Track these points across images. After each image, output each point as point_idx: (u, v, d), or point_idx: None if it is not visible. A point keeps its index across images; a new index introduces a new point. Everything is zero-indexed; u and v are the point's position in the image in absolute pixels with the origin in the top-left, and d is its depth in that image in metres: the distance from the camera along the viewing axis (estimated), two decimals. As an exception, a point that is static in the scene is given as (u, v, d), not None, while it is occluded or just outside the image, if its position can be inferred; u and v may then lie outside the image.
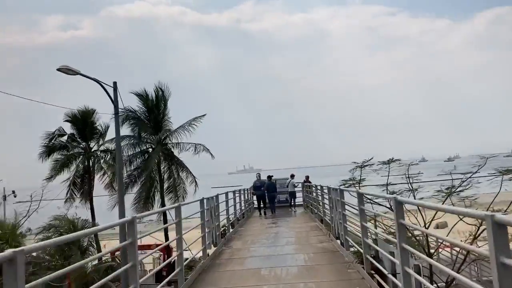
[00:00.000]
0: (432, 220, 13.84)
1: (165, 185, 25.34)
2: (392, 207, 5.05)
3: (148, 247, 28.38)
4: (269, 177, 22.19)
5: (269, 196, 21.58)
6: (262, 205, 21.61)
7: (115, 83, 14.70)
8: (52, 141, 27.66)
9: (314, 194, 17.54)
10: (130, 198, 24.88)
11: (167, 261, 12.82)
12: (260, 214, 21.31)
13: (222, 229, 13.04)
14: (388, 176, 15.27)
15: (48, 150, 27.19)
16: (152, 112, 25.43)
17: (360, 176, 15.88)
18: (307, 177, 24.26)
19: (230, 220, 15.64)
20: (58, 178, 27.22)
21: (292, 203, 23.92)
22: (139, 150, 25.32)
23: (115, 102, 14.29)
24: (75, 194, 27.78)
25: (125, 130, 25.29)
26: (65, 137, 28.17)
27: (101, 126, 28.49)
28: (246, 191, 21.59)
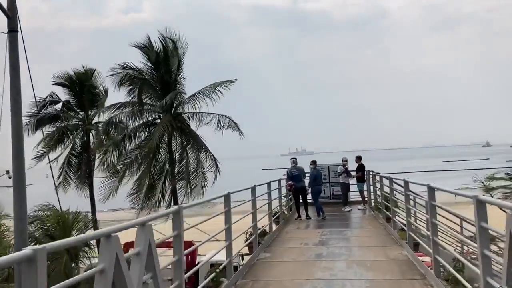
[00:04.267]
0: None
1: (176, 169, 18.69)
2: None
3: (168, 245, 22.41)
4: (313, 162, 14.91)
5: (313, 190, 14.44)
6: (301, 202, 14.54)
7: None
8: (43, 110, 21.82)
9: (403, 196, 10.10)
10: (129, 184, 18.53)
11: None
12: (299, 217, 14.21)
13: (213, 273, 6.14)
14: None
15: (36, 121, 21.30)
16: (159, 70, 18.68)
17: None
18: (359, 158, 16.80)
19: (247, 241, 8.80)
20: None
21: (346, 200, 16.63)
22: (142, 121, 18.74)
23: (9, 11, 7.51)
24: (70, 178, 21.93)
25: (124, 95, 18.86)
26: (59, 105, 22.29)
27: (102, 92, 22.34)
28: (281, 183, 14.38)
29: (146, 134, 18.46)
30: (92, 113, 22.01)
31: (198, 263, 22.61)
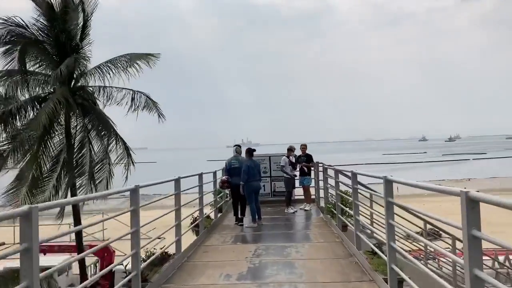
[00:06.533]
0: None
1: (75, 159, 14.52)
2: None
3: (74, 249, 18.35)
4: (250, 151, 11.42)
5: (249, 188, 10.95)
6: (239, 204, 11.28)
7: None
8: None
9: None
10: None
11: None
12: (237, 221, 10.94)
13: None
14: None
15: None
16: (53, 28, 14.33)
17: None
18: (304, 147, 13.85)
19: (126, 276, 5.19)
20: None
21: (290, 198, 13.44)
22: (30, 95, 14.34)
23: None
24: None
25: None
26: None
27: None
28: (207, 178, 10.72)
29: (35, 112, 14.08)
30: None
31: (114, 272, 18.28)
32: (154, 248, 6.75)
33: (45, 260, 18.45)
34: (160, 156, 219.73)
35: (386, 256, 5.17)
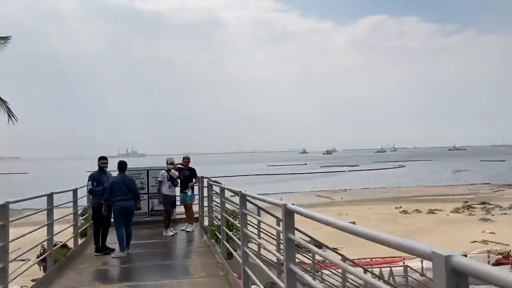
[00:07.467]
0: None
1: None
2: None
3: None
4: (120, 164, 9.48)
5: (117, 207, 9.03)
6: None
7: None
8: None
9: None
10: None
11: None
12: (98, 251, 9.01)
13: None
14: None
15: None
16: None
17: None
18: (187, 160, 12.30)
19: None
20: None
21: (169, 219, 11.73)
22: None
23: None
24: None
25: None
26: None
27: None
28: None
29: None
30: None
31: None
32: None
33: None
34: (34, 166, 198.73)
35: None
